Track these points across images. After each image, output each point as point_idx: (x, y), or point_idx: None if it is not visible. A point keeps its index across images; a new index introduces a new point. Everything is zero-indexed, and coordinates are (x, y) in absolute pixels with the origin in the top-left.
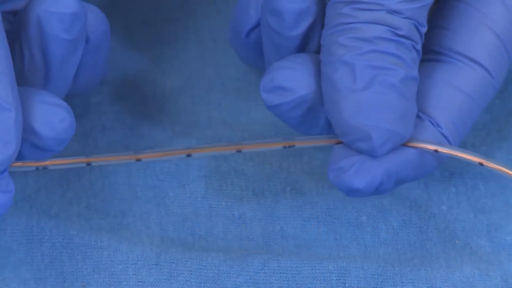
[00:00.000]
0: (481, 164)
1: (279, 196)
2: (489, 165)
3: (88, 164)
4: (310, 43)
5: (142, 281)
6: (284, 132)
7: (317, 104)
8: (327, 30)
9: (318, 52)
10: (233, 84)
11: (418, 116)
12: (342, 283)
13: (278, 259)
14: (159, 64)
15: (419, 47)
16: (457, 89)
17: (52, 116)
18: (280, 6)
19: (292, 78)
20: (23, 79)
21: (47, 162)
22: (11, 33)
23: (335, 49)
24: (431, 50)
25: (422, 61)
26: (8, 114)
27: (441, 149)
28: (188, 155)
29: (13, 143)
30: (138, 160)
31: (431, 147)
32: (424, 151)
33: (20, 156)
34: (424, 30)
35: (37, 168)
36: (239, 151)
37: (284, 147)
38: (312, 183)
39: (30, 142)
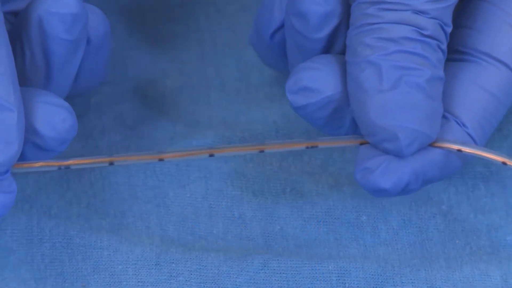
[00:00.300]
0: (504, 163)
1: (279, 197)
2: None
3: (111, 163)
4: (335, 45)
5: (142, 281)
6: (284, 132)
7: (343, 105)
8: (353, 31)
9: (343, 53)
10: (233, 84)
11: (443, 116)
12: (342, 283)
13: (278, 259)
14: (159, 64)
15: (444, 47)
16: (482, 88)
17: (54, 116)
18: (304, 9)
19: (318, 79)
20: (24, 79)
21: (69, 162)
22: (12, 34)
23: (361, 50)
24: (456, 50)
25: (447, 60)
26: (10, 114)
27: (465, 149)
28: (211, 155)
29: (15, 144)
30: (161, 160)
31: (455, 146)
32: (450, 151)
33: (21, 157)
34: (449, 30)
35: (59, 168)
36: (261, 151)
37: (307, 147)
38: (312, 183)
39: (31, 142)
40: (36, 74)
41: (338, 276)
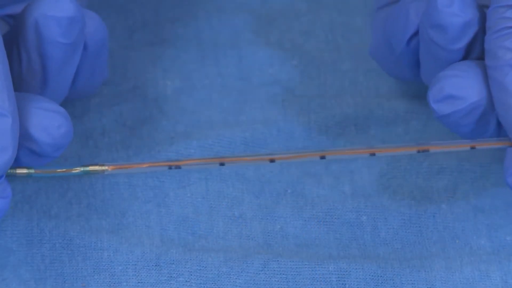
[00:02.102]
0: None
1: (280, 198)
2: None
3: (222, 164)
4: (472, 51)
5: (142, 282)
6: (285, 131)
7: (488, 110)
8: (491, 35)
9: (479, 58)
10: (234, 84)
11: None
12: (342, 284)
13: (278, 260)
14: (159, 64)
15: None
16: None
17: (50, 122)
18: (443, 21)
19: (462, 86)
20: (21, 83)
21: (181, 162)
22: (9, 37)
23: (502, 54)
24: None
25: None
26: (4, 120)
27: None
28: (322, 158)
29: (9, 149)
30: (272, 161)
31: None
32: None
33: (17, 162)
34: None
35: (169, 168)
36: (372, 154)
37: (418, 151)
38: (313, 184)
39: (27, 148)
40: (33, 77)
41: (338, 276)
